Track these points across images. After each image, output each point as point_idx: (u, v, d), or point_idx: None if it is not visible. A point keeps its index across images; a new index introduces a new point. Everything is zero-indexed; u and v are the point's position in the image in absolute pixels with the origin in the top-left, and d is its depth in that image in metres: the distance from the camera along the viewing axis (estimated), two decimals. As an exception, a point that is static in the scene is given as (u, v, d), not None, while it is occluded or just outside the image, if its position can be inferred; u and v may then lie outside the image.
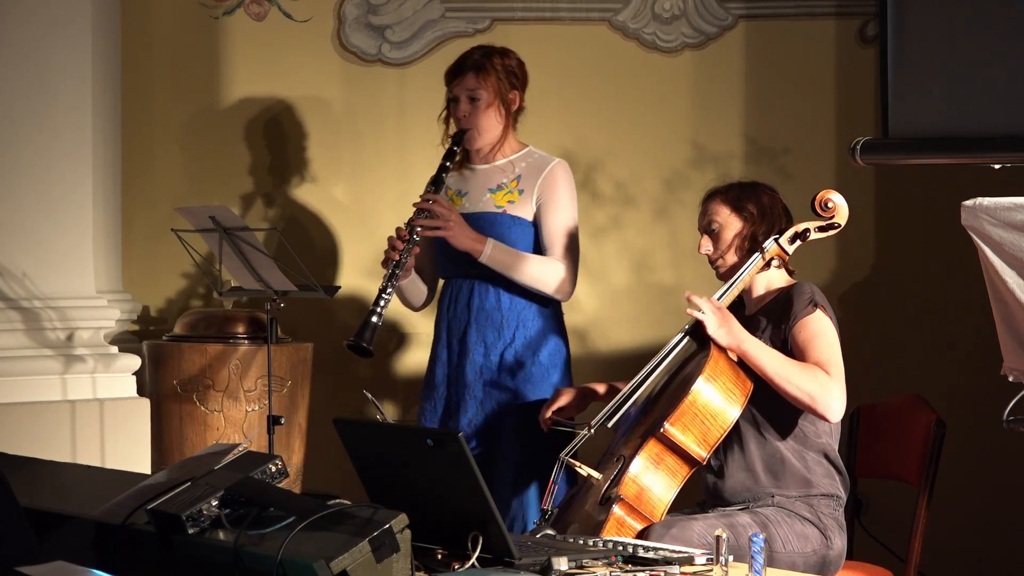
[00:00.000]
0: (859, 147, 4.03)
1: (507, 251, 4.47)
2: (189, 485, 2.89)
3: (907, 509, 4.27)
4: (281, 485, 2.93)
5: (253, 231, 4.57)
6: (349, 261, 5.63)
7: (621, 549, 3.13)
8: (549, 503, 4.06)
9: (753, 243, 4.05)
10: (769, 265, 4.05)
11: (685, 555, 3.11)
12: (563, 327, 4.62)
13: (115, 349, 5.09)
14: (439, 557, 3.01)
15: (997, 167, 3.95)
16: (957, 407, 5.05)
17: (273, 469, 2.93)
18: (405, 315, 5.46)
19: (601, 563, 3.05)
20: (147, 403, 5.08)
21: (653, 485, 3.87)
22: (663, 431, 3.86)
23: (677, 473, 3.89)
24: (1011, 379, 3.70)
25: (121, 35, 5.44)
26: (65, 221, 5.01)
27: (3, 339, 4.91)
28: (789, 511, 3.92)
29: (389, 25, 5.65)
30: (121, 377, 5.07)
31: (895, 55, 3.99)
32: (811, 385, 3.85)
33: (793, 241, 4.04)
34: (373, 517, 2.67)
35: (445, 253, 4.55)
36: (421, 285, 4.68)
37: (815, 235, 4.05)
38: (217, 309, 5.24)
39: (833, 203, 4.02)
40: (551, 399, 4.33)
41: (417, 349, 5.57)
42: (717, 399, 3.88)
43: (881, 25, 4.06)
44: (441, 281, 4.70)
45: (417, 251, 4.47)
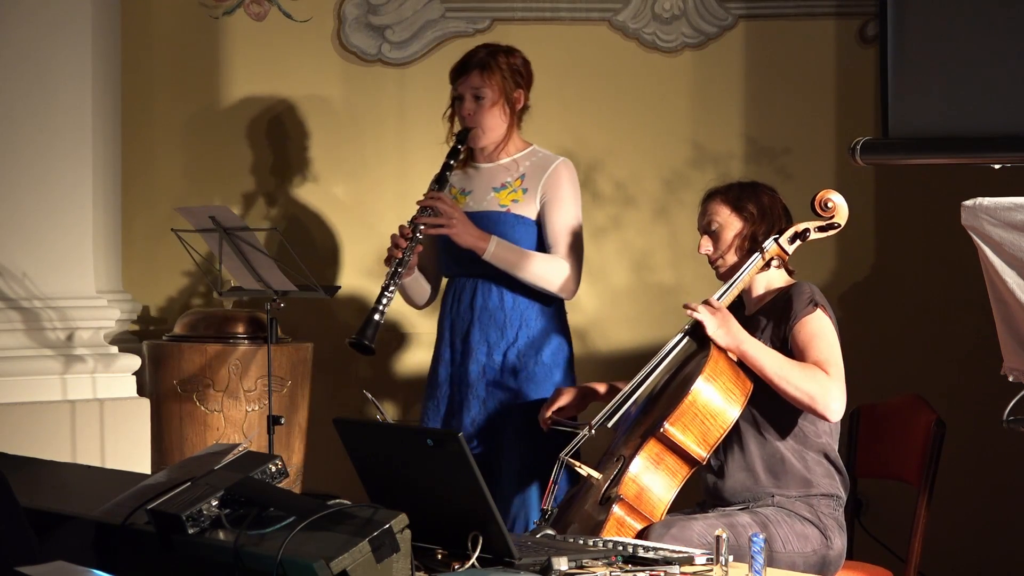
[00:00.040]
0: (859, 147, 4.03)
1: (511, 249, 4.46)
2: (189, 485, 2.89)
3: (907, 509, 4.27)
4: (281, 485, 2.93)
5: (253, 231, 4.56)
6: (349, 261, 5.63)
7: (621, 549, 3.13)
8: (549, 503, 4.06)
9: (753, 243, 4.04)
10: (769, 265, 4.05)
11: (685, 555, 3.11)
12: (566, 326, 4.62)
13: (115, 349, 5.09)
14: (439, 557, 3.01)
15: (997, 167, 3.95)
16: (957, 407, 5.04)
17: (273, 469, 2.93)
18: (406, 315, 5.46)
19: (601, 563, 3.05)
20: (147, 403, 5.07)
21: (653, 485, 3.86)
22: (663, 431, 3.86)
23: (677, 473, 3.89)
24: (1011, 379, 3.70)
25: (121, 35, 5.44)
26: (65, 221, 5.01)
27: (3, 339, 4.91)
28: (789, 511, 3.92)
29: (389, 25, 5.65)
30: (121, 377, 5.06)
31: (895, 55, 3.98)
32: (811, 385, 3.84)
33: (793, 241, 4.04)
34: (373, 517, 2.67)
35: (448, 252, 4.55)
36: (424, 283, 4.67)
37: (815, 235, 4.05)
38: (217, 309, 5.24)
39: (833, 203, 4.02)
40: (551, 399, 4.33)
41: (418, 349, 5.57)
42: (717, 399, 3.88)
43: (881, 25, 4.06)
44: (444, 280, 4.69)
45: (420, 249, 4.46)
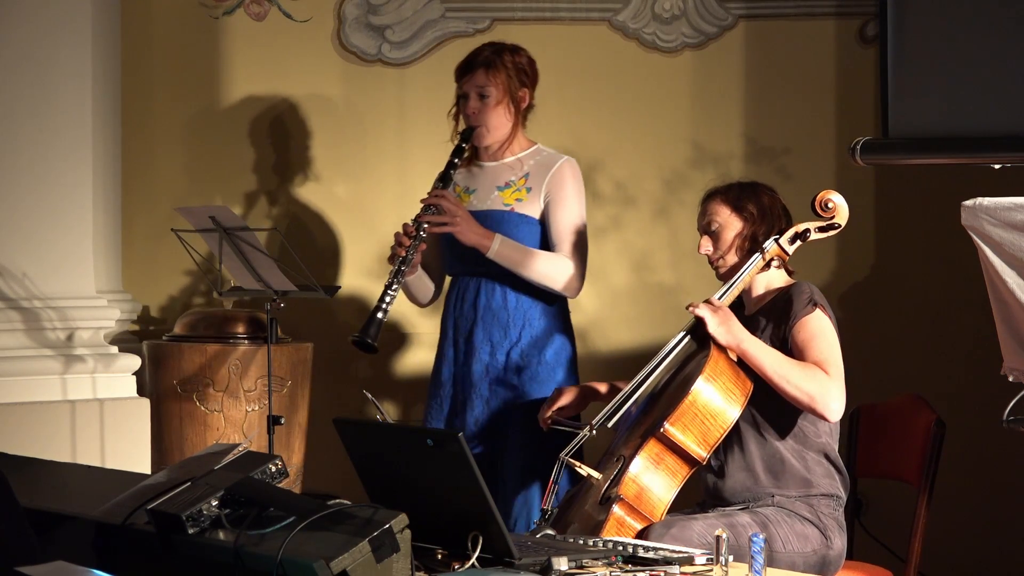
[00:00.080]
0: (859, 147, 4.03)
1: (515, 247, 4.46)
2: (189, 485, 2.89)
3: (907, 509, 4.27)
4: (281, 485, 2.93)
5: (253, 231, 4.56)
6: (349, 261, 5.63)
7: (621, 549, 3.13)
8: (549, 503, 4.05)
9: (753, 243, 4.04)
10: (769, 265, 4.04)
11: (685, 555, 3.11)
12: (569, 325, 4.61)
13: (115, 349, 5.09)
14: (439, 557, 3.01)
15: (997, 167, 3.95)
16: (957, 407, 5.04)
17: (273, 469, 2.93)
18: (406, 314, 5.46)
19: (601, 563, 3.05)
20: (147, 403, 5.07)
21: (653, 485, 3.86)
22: (663, 431, 3.86)
23: (677, 473, 3.89)
24: (1011, 379, 3.70)
25: (121, 35, 5.44)
26: (65, 221, 5.01)
27: (3, 339, 4.91)
28: (789, 511, 3.92)
29: (389, 25, 5.65)
30: (121, 377, 5.06)
31: (895, 55, 3.98)
32: (810, 385, 3.84)
33: (793, 241, 4.04)
34: (373, 517, 2.67)
35: (452, 250, 4.54)
36: (428, 282, 4.67)
37: (815, 235, 4.05)
38: (217, 309, 5.24)
39: (833, 203, 4.02)
40: (551, 398, 4.32)
41: (418, 349, 5.57)
42: (717, 399, 3.88)
43: (881, 25, 4.06)
44: (448, 278, 4.69)
45: (424, 247, 4.46)
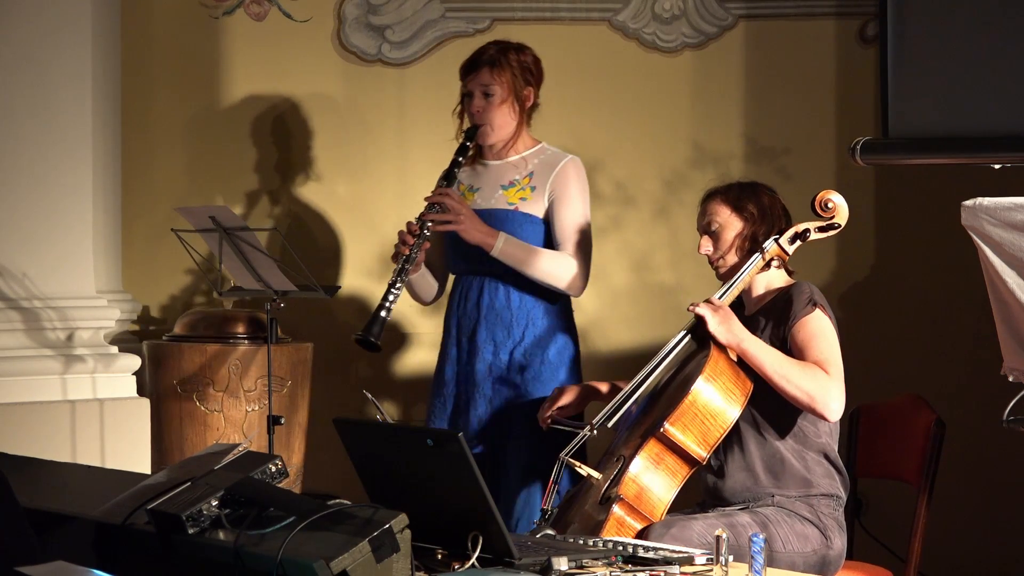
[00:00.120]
0: (859, 147, 4.03)
1: (519, 245, 4.45)
2: (189, 485, 2.89)
3: (907, 509, 4.27)
4: (281, 485, 2.93)
5: (253, 231, 4.56)
6: (349, 261, 5.63)
7: (621, 549, 3.13)
8: (549, 503, 4.05)
9: (753, 243, 4.04)
10: (769, 265, 4.04)
11: (685, 555, 3.11)
12: (572, 325, 4.61)
13: (115, 349, 5.09)
14: (439, 557, 3.01)
15: (997, 167, 3.95)
16: (957, 407, 5.04)
17: (273, 469, 2.93)
18: (407, 314, 5.46)
19: (601, 563, 3.05)
20: (147, 403, 5.07)
21: (653, 485, 3.86)
22: (663, 431, 3.86)
23: (677, 473, 3.89)
24: (1011, 379, 3.70)
25: (121, 35, 5.44)
26: (65, 221, 5.01)
27: (3, 339, 4.91)
28: (789, 511, 3.92)
29: (389, 25, 5.65)
30: (121, 377, 5.06)
31: (895, 55, 3.98)
32: (810, 384, 3.84)
33: (793, 241, 4.04)
34: (373, 517, 2.67)
35: (456, 248, 4.54)
36: (431, 280, 4.66)
37: (815, 235, 4.05)
38: (217, 309, 5.24)
39: (833, 203, 4.02)
40: (552, 397, 4.32)
41: (419, 349, 5.57)
42: (717, 399, 3.88)
43: (881, 25, 4.06)
44: (451, 277, 4.69)
45: (428, 246, 4.45)
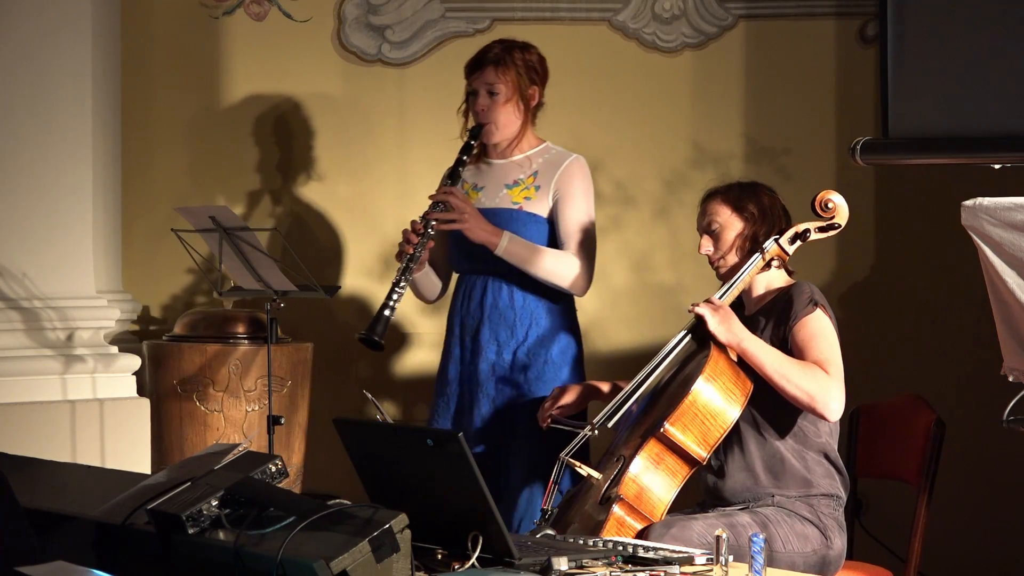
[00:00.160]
0: (859, 147, 4.03)
1: (523, 244, 4.45)
2: (189, 485, 2.89)
3: (907, 509, 4.27)
4: (281, 485, 2.93)
5: (253, 231, 4.56)
6: (349, 261, 5.63)
7: (621, 549, 3.13)
8: (549, 503, 4.05)
9: (754, 243, 4.04)
10: (769, 265, 4.04)
11: (685, 555, 3.11)
12: (575, 324, 4.60)
13: (115, 349, 5.09)
14: (439, 557, 3.01)
15: (997, 167, 3.95)
16: (957, 407, 5.04)
17: (273, 469, 2.93)
18: (407, 314, 5.46)
19: (601, 563, 3.05)
20: (147, 403, 5.07)
21: (653, 485, 3.86)
22: (663, 431, 3.86)
23: (677, 473, 3.89)
24: (1011, 379, 3.70)
25: (121, 35, 5.44)
26: (65, 221, 5.01)
27: (3, 339, 4.91)
28: (789, 511, 3.92)
29: (389, 25, 5.65)
30: (121, 377, 5.06)
31: (895, 55, 3.98)
32: (810, 384, 3.84)
33: (793, 241, 4.04)
34: (373, 517, 2.67)
35: (459, 248, 4.54)
36: (435, 279, 4.66)
37: (815, 235, 4.05)
38: (217, 309, 5.24)
39: (833, 203, 4.02)
40: (553, 396, 4.32)
41: (419, 349, 5.57)
42: (717, 399, 3.88)
43: (881, 25, 4.05)
44: (455, 276, 4.68)
45: (432, 245, 4.45)
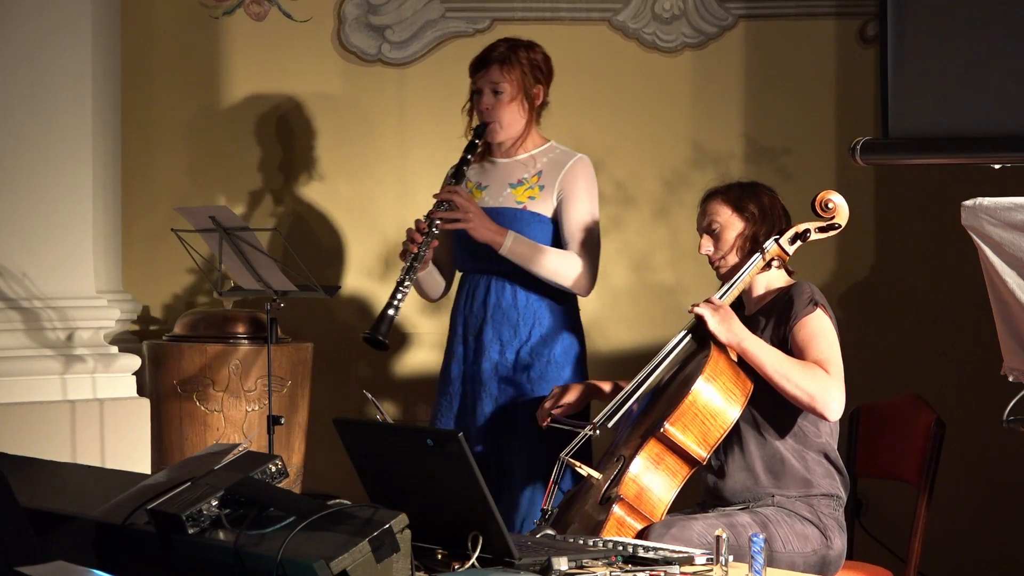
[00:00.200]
0: (859, 147, 4.03)
1: (527, 244, 4.45)
2: (189, 485, 2.89)
3: (907, 509, 4.27)
4: (281, 485, 2.93)
5: (253, 231, 4.57)
6: (349, 261, 5.63)
7: (621, 549, 3.13)
8: (550, 503, 4.05)
9: (754, 243, 4.04)
10: (770, 265, 4.04)
11: (685, 555, 3.11)
12: (578, 324, 4.60)
13: (115, 349, 5.09)
14: (439, 557, 3.01)
15: (997, 167, 3.94)
16: (957, 407, 5.04)
17: (273, 469, 2.93)
18: (407, 314, 5.46)
19: (601, 563, 3.05)
20: (147, 403, 5.07)
21: (653, 485, 3.86)
22: (663, 431, 3.86)
23: (677, 473, 3.89)
24: (1011, 379, 3.70)
25: (121, 35, 5.44)
26: (65, 221, 5.01)
27: (3, 339, 4.91)
28: (789, 511, 3.92)
29: (389, 25, 5.65)
30: (121, 377, 5.06)
31: (895, 55, 3.98)
32: (810, 384, 3.84)
33: (793, 241, 4.04)
34: (373, 517, 2.67)
35: (463, 247, 4.53)
36: (439, 277, 4.66)
37: (815, 236, 4.05)
38: (217, 309, 5.24)
39: (833, 204, 4.02)
40: (554, 396, 4.31)
41: (419, 349, 5.57)
42: (717, 399, 3.88)
43: (881, 25, 4.05)
44: (458, 274, 4.68)
45: (436, 244, 4.45)
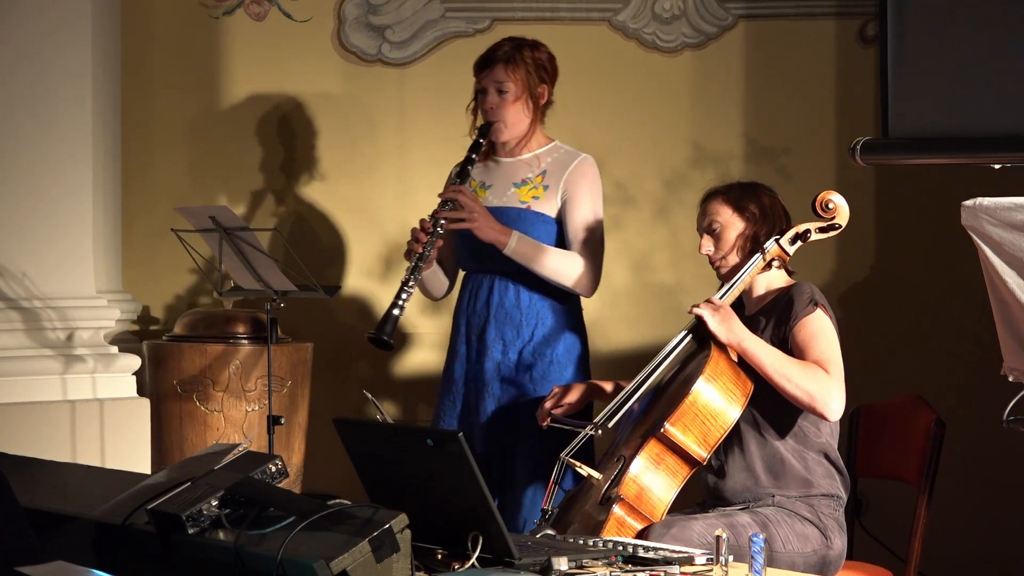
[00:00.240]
0: (859, 147, 4.02)
1: (531, 244, 4.44)
2: (189, 485, 2.89)
3: (907, 509, 4.27)
4: (281, 485, 2.93)
5: (253, 231, 4.57)
6: (350, 261, 5.63)
7: (621, 549, 3.13)
8: (550, 503, 4.05)
9: (754, 244, 4.04)
10: (770, 266, 4.04)
11: (685, 555, 3.11)
12: (581, 324, 4.59)
13: (115, 349, 5.09)
14: (439, 557, 3.01)
15: (997, 167, 3.94)
16: (957, 407, 5.04)
17: (273, 469, 2.93)
18: (407, 315, 5.43)
19: (601, 563, 3.05)
20: (147, 403, 5.07)
21: (653, 485, 3.86)
22: (663, 431, 3.86)
23: (677, 473, 3.89)
24: (1011, 379, 3.70)
25: (121, 35, 5.44)
26: (65, 221, 5.01)
27: (3, 339, 4.91)
28: (789, 511, 3.92)
29: (389, 25, 5.65)
30: (121, 377, 5.06)
31: (895, 55, 3.98)
32: (811, 384, 3.84)
33: (794, 242, 4.04)
34: (373, 517, 2.67)
35: (467, 247, 4.53)
36: (442, 277, 4.65)
37: (816, 236, 4.05)
38: (217, 309, 5.24)
39: (834, 204, 4.02)
40: (555, 395, 4.31)
41: (419, 349, 5.57)
42: (717, 399, 3.88)
43: (881, 25, 4.05)
44: (461, 274, 4.68)
45: (440, 244, 4.44)
